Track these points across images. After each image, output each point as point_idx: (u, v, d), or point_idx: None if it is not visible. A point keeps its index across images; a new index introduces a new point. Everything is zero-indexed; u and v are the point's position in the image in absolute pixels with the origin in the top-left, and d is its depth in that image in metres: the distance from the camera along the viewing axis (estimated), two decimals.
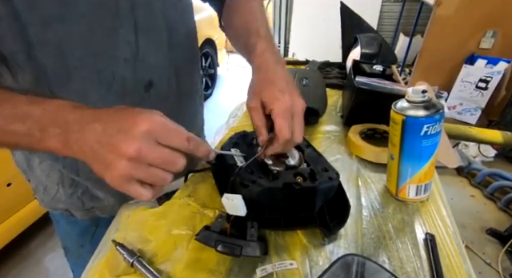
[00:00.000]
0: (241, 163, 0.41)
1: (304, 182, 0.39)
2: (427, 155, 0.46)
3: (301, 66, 1.12)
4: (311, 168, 0.42)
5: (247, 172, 0.39)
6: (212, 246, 0.38)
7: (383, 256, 0.40)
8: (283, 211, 0.42)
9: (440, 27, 2.15)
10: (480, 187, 1.84)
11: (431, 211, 0.48)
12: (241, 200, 0.36)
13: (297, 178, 0.39)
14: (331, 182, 0.40)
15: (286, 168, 0.41)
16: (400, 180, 0.49)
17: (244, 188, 0.38)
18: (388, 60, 0.97)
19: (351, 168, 0.57)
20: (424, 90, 0.43)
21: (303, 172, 0.41)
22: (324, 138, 0.67)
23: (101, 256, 0.42)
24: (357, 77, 0.71)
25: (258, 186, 0.37)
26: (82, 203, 0.54)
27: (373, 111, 0.65)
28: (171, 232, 0.44)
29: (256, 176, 0.39)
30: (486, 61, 2.13)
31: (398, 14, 3.71)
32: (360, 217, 0.47)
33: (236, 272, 0.39)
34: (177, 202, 0.49)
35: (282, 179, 0.39)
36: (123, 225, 0.46)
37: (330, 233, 0.42)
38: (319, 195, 0.39)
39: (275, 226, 0.43)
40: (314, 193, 0.39)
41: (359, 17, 1.13)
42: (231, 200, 0.37)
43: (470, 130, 1.32)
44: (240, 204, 0.36)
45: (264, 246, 0.39)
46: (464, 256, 0.41)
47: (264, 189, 0.37)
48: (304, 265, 0.39)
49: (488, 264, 1.39)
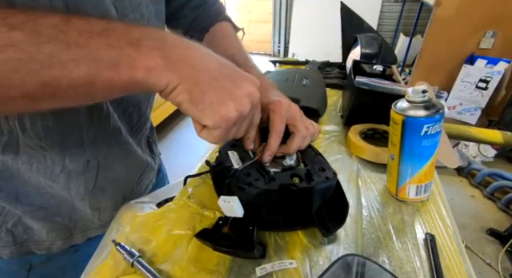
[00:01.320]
0: (237, 165, 0.41)
1: (301, 183, 0.39)
2: (427, 155, 0.46)
3: (301, 66, 1.12)
4: (308, 168, 0.41)
5: (244, 174, 0.39)
6: (210, 245, 0.38)
7: (383, 256, 0.40)
8: (281, 212, 0.42)
9: (440, 27, 2.16)
10: (480, 187, 1.84)
11: (431, 211, 0.48)
12: (237, 201, 0.36)
13: (293, 179, 0.39)
14: (328, 182, 0.40)
15: (282, 169, 0.41)
16: (400, 180, 0.49)
17: (240, 191, 0.38)
18: (388, 60, 0.97)
19: (351, 168, 0.57)
20: (424, 90, 0.43)
21: (300, 172, 0.40)
22: (324, 138, 0.67)
23: (101, 257, 0.42)
24: (357, 77, 0.71)
25: (255, 188, 0.37)
26: (12, 236, 0.43)
27: (373, 111, 0.65)
28: (171, 232, 0.44)
29: (252, 179, 0.39)
30: (485, 61, 2.13)
31: (398, 14, 3.72)
32: (360, 217, 0.47)
33: (236, 271, 0.39)
34: (177, 203, 0.49)
35: (279, 180, 0.38)
36: (124, 226, 0.46)
37: (328, 233, 0.42)
38: (316, 195, 0.39)
39: (273, 227, 0.43)
40: (311, 194, 0.39)
41: (359, 18, 1.13)
42: (227, 202, 0.36)
43: (470, 130, 1.32)
44: (236, 206, 0.36)
45: (261, 248, 0.39)
46: (464, 256, 0.41)
47: (260, 191, 0.37)
48: (304, 265, 0.39)
49: (488, 264, 1.40)
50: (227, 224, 0.40)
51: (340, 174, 0.56)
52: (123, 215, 0.49)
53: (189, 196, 0.50)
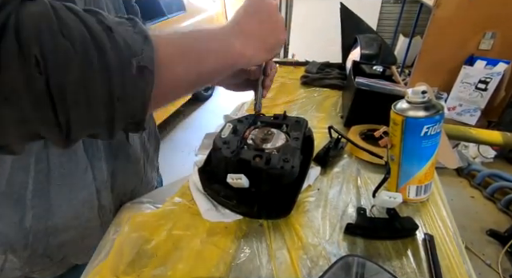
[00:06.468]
0: (224, 135, 0.48)
1: (257, 163, 0.43)
2: (427, 156, 0.46)
3: (300, 67, 1.12)
4: (276, 154, 0.45)
5: (236, 140, 0.47)
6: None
7: (383, 256, 0.40)
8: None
9: (439, 28, 2.16)
10: (480, 188, 1.84)
11: (431, 211, 0.48)
12: (243, 177, 0.42)
13: (255, 158, 0.43)
14: (280, 170, 0.42)
15: (255, 148, 0.46)
16: (400, 181, 0.49)
17: (215, 151, 0.46)
18: (388, 61, 0.97)
19: (351, 169, 0.57)
20: (424, 91, 0.43)
21: (264, 155, 0.44)
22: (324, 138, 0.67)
23: (101, 257, 0.42)
24: (357, 77, 0.71)
25: (221, 153, 0.44)
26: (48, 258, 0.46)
27: (373, 112, 0.65)
28: (171, 232, 0.44)
29: (237, 147, 0.45)
30: (485, 62, 2.13)
31: (397, 15, 3.72)
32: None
33: (236, 272, 0.39)
34: (177, 204, 0.49)
35: (244, 155, 0.44)
36: (124, 226, 0.46)
37: (259, 216, 0.45)
38: (266, 176, 0.43)
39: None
40: (261, 173, 0.43)
41: (359, 18, 1.14)
42: (235, 179, 0.42)
43: (470, 131, 1.32)
44: (244, 180, 0.42)
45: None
46: (464, 257, 0.41)
47: (222, 157, 0.44)
48: (304, 265, 0.39)
49: (488, 264, 1.40)
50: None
51: (340, 174, 0.56)
52: (122, 215, 0.49)
53: (191, 199, 0.50)
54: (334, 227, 0.45)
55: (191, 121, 2.97)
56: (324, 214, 0.47)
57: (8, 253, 0.42)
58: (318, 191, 0.52)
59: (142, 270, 0.39)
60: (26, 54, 0.19)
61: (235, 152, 0.44)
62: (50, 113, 0.21)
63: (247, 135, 0.49)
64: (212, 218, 0.46)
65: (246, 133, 0.49)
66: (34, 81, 0.20)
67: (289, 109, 0.82)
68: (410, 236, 0.43)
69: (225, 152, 0.44)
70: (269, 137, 0.49)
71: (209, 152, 0.53)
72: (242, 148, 0.46)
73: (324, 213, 0.47)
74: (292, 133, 0.50)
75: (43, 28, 0.20)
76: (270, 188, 0.44)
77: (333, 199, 0.50)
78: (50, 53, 0.20)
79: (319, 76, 1.00)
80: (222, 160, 0.45)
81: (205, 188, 0.49)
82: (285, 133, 0.50)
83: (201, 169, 0.51)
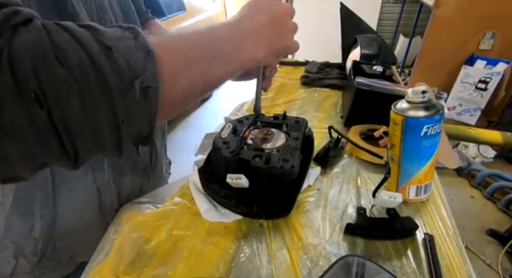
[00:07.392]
0: (223, 136, 0.48)
1: (257, 162, 0.43)
2: (427, 155, 0.46)
3: (300, 67, 1.12)
4: (276, 154, 0.45)
5: (236, 140, 0.47)
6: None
7: (383, 256, 0.40)
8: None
9: (439, 28, 2.16)
10: (480, 188, 1.84)
11: (431, 211, 0.48)
12: (243, 177, 0.42)
13: (255, 158, 0.43)
14: (280, 170, 0.42)
15: (255, 148, 0.46)
16: (400, 181, 0.49)
17: (215, 151, 0.46)
18: (388, 61, 0.97)
19: (351, 169, 0.57)
20: (424, 91, 0.43)
21: (263, 155, 0.44)
22: (324, 138, 0.67)
23: (101, 257, 0.42)
24: (357, 77, 0.71)
25: (220, 153, 0.44)
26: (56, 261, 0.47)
27: (373, 112, 0.65)
28: (171, 232, 0.44)
29: (237, 147, 0.45)
30: (485, 62, 2.13)
31: (397, 15, 3.72)
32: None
33: (236, 272, 0.39)
34: (177, 204, 0.49)
35: (244, 155, 0.44)
36: (124, 226, 0.46)
37: (258, 216, 0.45)
38: (265, 176, 0.43)
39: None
40: (260, 173, 0.43)
41: (359, 18, 1.14)
42: (234, 179, 0.42)
43: (470, 131, 1.32)
44: (243, 180, 0.42)
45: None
46: (464, 257, 0.41)
47: (222, 157, 0.44)
48: (304, 265, 0.39)
49: (488, 264, 1.40)
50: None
51: (340, 174, 0.56)
52: (122, 215, 0.49)
53: (191, 199, 0.50)
54: (334, 227, 0.45)
55: (191, 121, 2.97)
56: (324, 214, 0.47)
57: (19, 258, 0.44)
58: (318, 191, 0.52)
59: (142, 270, 0.39)
60: (25, 90, 0.18)
61: (235, 152, 0.44)
62: (56, 144, 0.21)
63: (247, 135, 0.49)
64: (212, 218, 0.46)
65: (245, 133, 0.49)
66: (36, 116, 0.19)
67: (289, 109, 0.82)
68: (410, 236, 0.43)
69: (225, 153, 0.44)
70: (269, 137, 0.49)
71: (209, 153, 0.53)
72: (242, 148, 0.46)
73: (324, 213, 0.47)
74: (292, 132, 0.50)
75: (38, 58, 0.19)
76: (269, 188, 0.44)
77: (333, 199, 0.50)
78: (49, 86, 0.19)
79: (319, 76, 1.00)
80: (221, 160, 0.45)
81: (205, 188, 0.49)
82: (285, 133, 0.50)
83: (201, 169, 0.51)
